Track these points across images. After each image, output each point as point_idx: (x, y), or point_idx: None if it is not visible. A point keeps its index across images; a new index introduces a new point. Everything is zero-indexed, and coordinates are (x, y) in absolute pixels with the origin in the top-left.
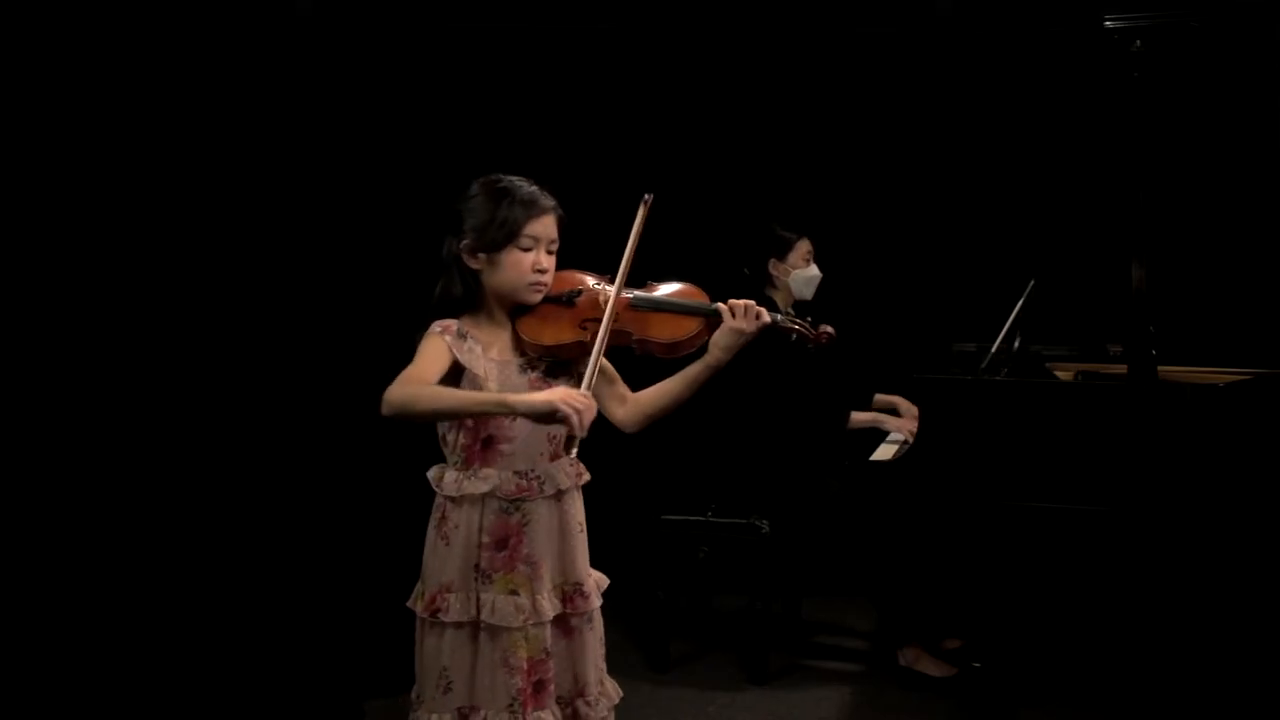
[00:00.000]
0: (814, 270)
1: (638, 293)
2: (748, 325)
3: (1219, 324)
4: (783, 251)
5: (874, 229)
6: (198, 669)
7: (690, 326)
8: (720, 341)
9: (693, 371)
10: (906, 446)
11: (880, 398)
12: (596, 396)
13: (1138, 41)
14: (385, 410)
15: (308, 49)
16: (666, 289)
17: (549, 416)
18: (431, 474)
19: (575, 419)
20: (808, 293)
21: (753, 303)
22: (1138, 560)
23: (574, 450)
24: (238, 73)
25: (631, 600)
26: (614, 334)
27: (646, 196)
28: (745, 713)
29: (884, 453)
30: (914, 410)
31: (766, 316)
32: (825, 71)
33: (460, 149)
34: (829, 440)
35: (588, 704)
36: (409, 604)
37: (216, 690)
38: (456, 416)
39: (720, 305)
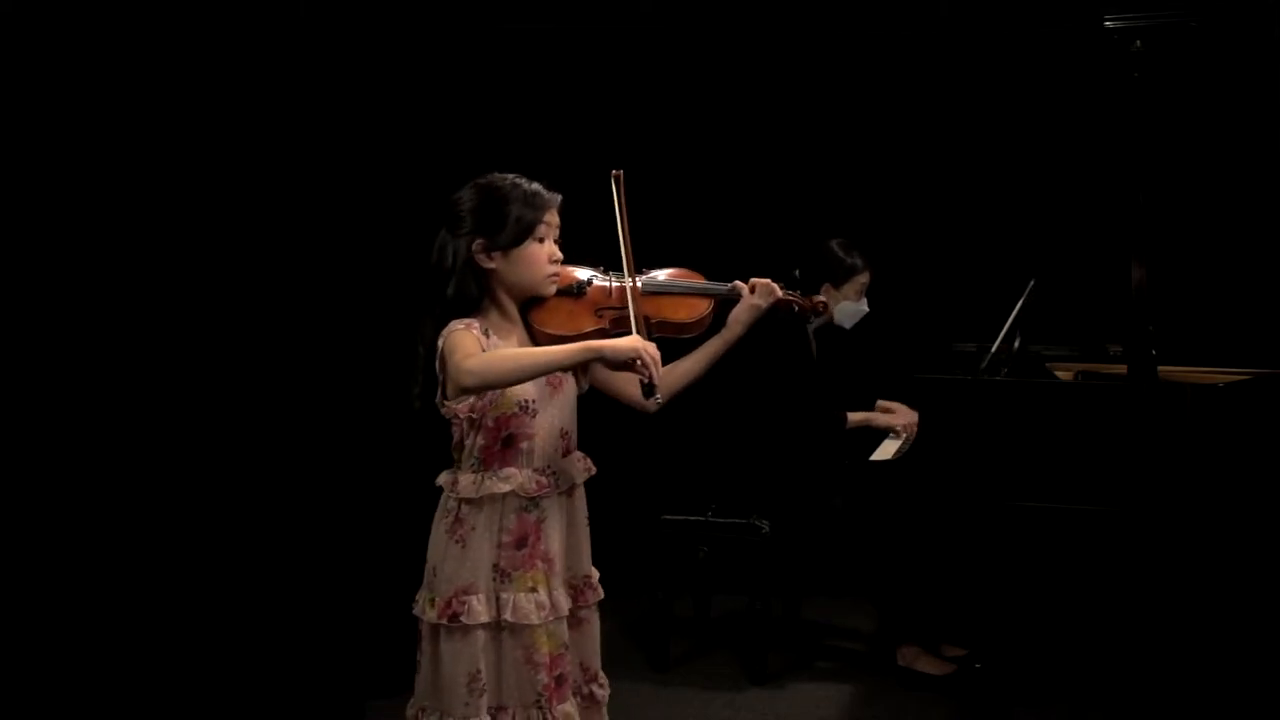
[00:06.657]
0: (864, 305)
1: (644, 278)
2: (764, 301)
3: (1219, 324)
4: (840, 280)
5: (874, 229)
6: (201, 669)
7: (703, 307)
8: (740, 317)
9: (711, 347)
10: (907, 445)
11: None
12: (615, 383)
13: (1138, 41)
14: (471, 380)
15: (307, 49)
16: (667, 273)
17: (629, 363)
18: (443, 479)
19: (652, 365)
20: (848, 324)
21: (771, 282)
22: (1137, 560)
23: (655, 395)
24: (238, 72)
25: (631, 600)
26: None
27: (615, 172)
28: (745, 713)
29: (884, 451)
30: (898, 407)
31: (780, 292)
32: (824, 71)
33: (460, 149)
34: (828, 440)
35: (600, 686)
36: (415, 612)
37: (220, 690)
38: (545, 372)
39: (738, 285)
